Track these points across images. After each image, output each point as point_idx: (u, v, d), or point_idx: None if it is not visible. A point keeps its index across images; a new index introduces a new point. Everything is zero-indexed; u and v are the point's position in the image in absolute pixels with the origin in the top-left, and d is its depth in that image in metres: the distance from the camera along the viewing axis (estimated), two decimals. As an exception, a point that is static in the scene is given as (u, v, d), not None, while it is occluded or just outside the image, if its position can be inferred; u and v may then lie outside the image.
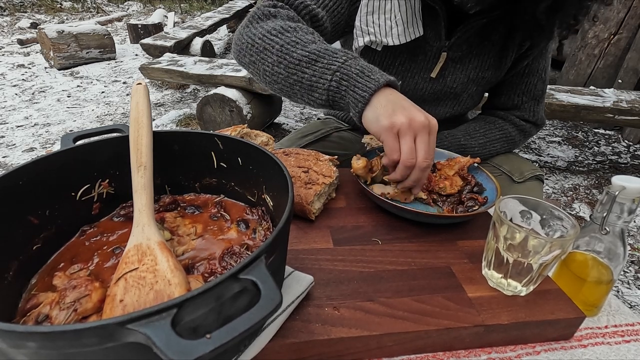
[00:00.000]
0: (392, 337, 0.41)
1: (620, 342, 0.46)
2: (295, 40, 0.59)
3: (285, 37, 0.60)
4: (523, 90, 0.85)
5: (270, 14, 0.65)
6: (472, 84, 0.82)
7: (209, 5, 7.18)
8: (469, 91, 0.83)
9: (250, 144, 0.46)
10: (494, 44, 0.77)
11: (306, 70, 0.58)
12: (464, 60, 0.78)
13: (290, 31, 0.61)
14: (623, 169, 2.27)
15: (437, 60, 0.77)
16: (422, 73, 0.79)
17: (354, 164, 0.63)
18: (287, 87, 0.61)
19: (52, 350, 0.23)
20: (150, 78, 2.58)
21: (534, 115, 0.87)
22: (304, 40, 0.59)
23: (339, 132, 1.01)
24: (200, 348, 0.22)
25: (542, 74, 0.84)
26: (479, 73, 0.80)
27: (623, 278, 1.45)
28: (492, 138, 0.86)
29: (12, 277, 0.37)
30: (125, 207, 0.49)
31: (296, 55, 0.58)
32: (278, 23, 0.62)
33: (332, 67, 0.56)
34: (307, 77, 0.58)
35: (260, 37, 0.62)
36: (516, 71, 0.83)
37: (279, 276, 0.41)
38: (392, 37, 0.70)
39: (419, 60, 0.78)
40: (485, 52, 0.78)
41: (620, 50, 2.61)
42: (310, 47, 0.58)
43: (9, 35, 4.97)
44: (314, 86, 0.58)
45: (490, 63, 0.79)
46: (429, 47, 0.76)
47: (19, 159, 2.21)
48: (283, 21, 0.63)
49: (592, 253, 0.48)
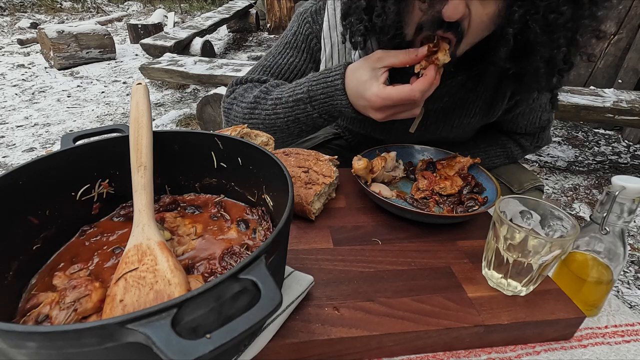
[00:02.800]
0: (392, 337, 0.41)
1: (620, 342, 0.46)
2: (273, 102, 0.69)
3: (263, 106, 0.70)
4: (526, 125, 0.82)
5: (233, 100, 0.75)
6: (458, 129, 0.77)
7: (209, 5, 7.19)
8: (455, 133, 0.79)
9: (250, 144, 0.46)
10: (479, 95, 0.72)
11: (297, 114, 0.67)
12: (446, 111, 0.74)
13: (262, 101, 0.70)
14: (623, 169, 2.27)
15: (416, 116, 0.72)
16: (402, 128, 0.73)
17: (355, 165, 0.63)
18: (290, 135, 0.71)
19: (52, 350, 0.23)
20: (150, 78, 2.58)
21: (538, 140, 0.85)
22: (275, 97, 0.69)
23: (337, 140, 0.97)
24: (200, 348, 0.22)
25: (547, 106, 0.79)
26: (464, 120, 0.75)
27: (623, 278, 1.45)
28: (493, 155, 0.84)
29: (12, 277, 0.37)
30: (125, 207, 0.49)
31: (279, 112, 0.68)
32: (245, 102, 0.72)
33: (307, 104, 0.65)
34: (303, 117, 0.67)
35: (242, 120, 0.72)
36: (516, 112, 0.78)
37: (279, 276, 0.41)
38: None
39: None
40: (471, 102, 0.73)
41: (620, 50, 2.61)
42: (284, 96, 0.67)
43: (9, 35, 4.97)
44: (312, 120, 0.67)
45: (477, 111, 0.74)
46: None
47: (19, 159, 2.21)
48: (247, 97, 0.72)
49: (592, 253, 0.48)
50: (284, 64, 0.75)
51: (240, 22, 5.36)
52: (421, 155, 0.74)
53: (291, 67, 0.75)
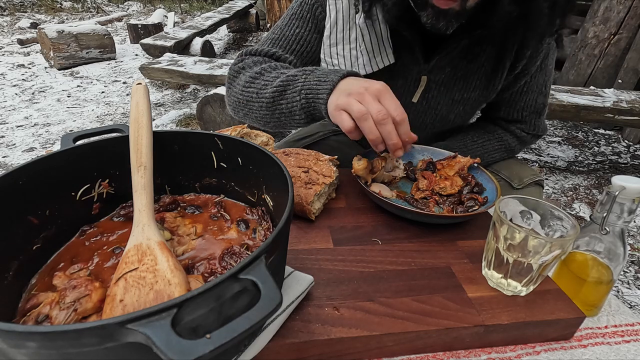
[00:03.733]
0: (392, 337, 0.41)
1: (620, 342, 0.46)
2: (264, 83, 0.67)
3: (256, 84, 0.68)
4: (522, 107, 0.83)
5: (240, 69, 0.73)
6: (458, 105, 0.79)
7: (209, 5, 7.19)
8: (455, 111, 0.81)
9: (250, 144, 0.46)
10: (480, 65, 0.74)
11: (281, 102, 0.65)
12: (448, 83, 0.75)
13: (258, 77, 0.69)
14: (623, 169, 2.27)
15: (418, 84, 0.75)
16: (404, 98, 0.77)
17: (355, 165, 0.63)
18: (277, 121, 0.68)
19: (52, 350, 0.23)
20: (150, 78, 2.58)
21: (534, 128, 0.86)
22: (270, 80, 0.67)
23: (337, 136, 0.99)
24: (200, 348, 0.22)
25: (543, 88, 0.81)
26: (464, 94, 0.77)
27: (623, 278, 1.45)
28: (491, 149, 0.85)
29: (12, 277, 0.37)
30: (125, 207, 0.49)
31: (268, 94, 0.66)
32: (247, 74, 0.71)
33: (296, 89, 0.62)
34: (284, 107, 0.65)
35: (239, 93, 0.71)
36: (514, 90, 0.80)
37: (279, 276, 0.41)
38: (359, 67, 0.71)
39: (399, 85, 0.76)
40: (472, 73, 0.75)
41: (620, 50, 2.61)
42: (275, 82, 0.65)
43: (9, 35, 4.97)
44: (292, 112, 0.64)
45: (477, 84, 0.76)
46: (408, 72, 0.74)
47: (19, 159, 2.21)
48: (250, 71, 0.71)
49: (592, 253, 0.48)
50: (290, 35, 0.76)
51: (240, 22, 5.36)
52: (421, 155, 0.74)
53: (297, 37, 0.75)
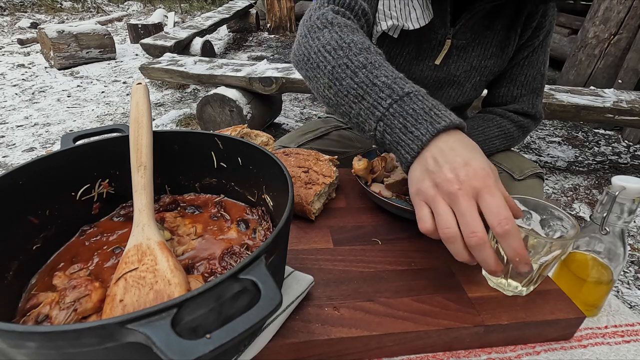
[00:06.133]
0: (392, 337, 0.41)
1: (620, 343, 0.46)
2: (346, 63, 0.55)
3: (338, 56, 0.56)
4: (522, 82, 0.86)
5: (328, 22, 0.62)
6: (475, 72, 0.83)
7: (209, 5, 7.19)
8: (472, 80, 0.85)
9: (250, 144, 0.46)
10: (496, 33, 0.79)
11: (353, 107, 0.53)
12: (467, 49, 0.80)
13: (344, 49, 0.57)
14: (623, 169, 2.27)
15: (442, 48, 0.80)
16: (427, 60, 0.82)
17: (355, 165, 0.63)
18: (335, 110, 0.58)
19: (52, 350, 0.23)
20: (150, 78, 2.58)
21: (532, 107, 0.87)
22: (354, 64, 0.55)
23: (339, 131, 1.01)
24: (200, 348, 0.22)
25: (541, 67, 0.85)
26: (482, 61, 0.82)
27: (623, 278, 1.45)
28: (491, 135, 0.87)
29: (12, 277, 0.37)
30: (125, 207, 0.49)
31: (345, 84, 0.54)
32: (334, 36, 0.59)
33: (376, 113, 0.50)
34: (355, 114, 0.54)
35: (315, 51, 0.59)
36: (516, 62, 0.84)
37: (279, 276, 0.41)
38: (412, 21, 0.73)
39: (425, 47, 0.80)
40: (488, 40, 0.80)
41: (620, 50, 2.61)
42: (359, 75, 0.53)
43: (9, 35, 4.97)
44: (361, 127, 0.54)
45: (493, 52, 0.81)
46: (433, 35, 0.79)
47: (19, 159, 2.21)
48: (339, 33, 0.59)
49: (592, 253, 0.48)
50: None
51: (240, 22, 5.36)
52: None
53: None
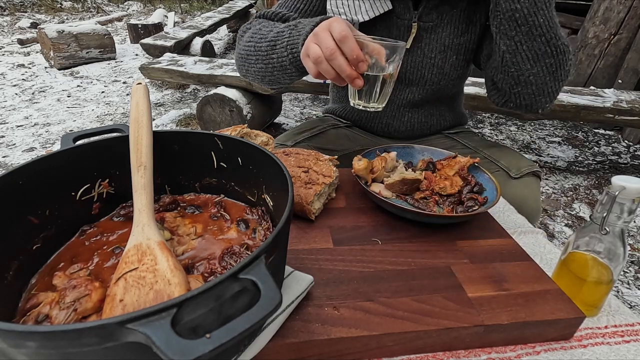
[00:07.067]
0: (392, 337, 0.41)
1: (620, 342, 0.46)
2: (260, 37, 0.72)
3: (254, 39, 0.74)
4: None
5: (247, 29, 0.80)
6: (451, 52, 0.84)
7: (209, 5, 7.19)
8: (449, 60, 0.85)
9: (250, 144, 0.46)
10: (462, 10, 0.81)
11: (272, 57, 0.69)
12: (436, 30, 0.82)
13: (257, 32, 0.74)
14: (623, 169, 2.27)
15: (411, 32, 0.82)
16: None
17: (355, 165, 0.63)
18: (271, 76, 0.72)
19: (52, 350, 0.23)
20: (150, 78, 2.58)
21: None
22: (264, 33, 0.71)
23: (336, 129, 1.02)
24: (200, 348, 0.22)
25: None
26: (454, 40, 0.83)
27: (623, 278, 1.45)
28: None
29: (12, 277, 0.37)
30: (125, 207, 0.49)
31: (263, 48, 0.70)
32: (250, 32, 0.77)
33: (283, 44, 0.66)
34: (276, 62, 0.68)
35: (242, 49, 0.77)
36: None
37: (278, 276, 0.41)
38: (362, 14, 0.78)
39: (395, 35, 0.84)
40: (456, 18, 0.82)
41: (620, 50, 2.61)
42: (269, 36, 0.69)
43: (9, 35, 4.97)
44: (283, 66, 0.68)
45: (463, 29, 0.83)
46: (400, 21, 0.82)
47: (19, 159, 2.21)
48: (254, 28, 0.77)
49: (592, 253, 0.48)
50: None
51: (241, 22, 5.36)
52: (421, 155, 0.74)
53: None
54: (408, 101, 0.92)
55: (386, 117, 0.96)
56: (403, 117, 0.95)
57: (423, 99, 0.91)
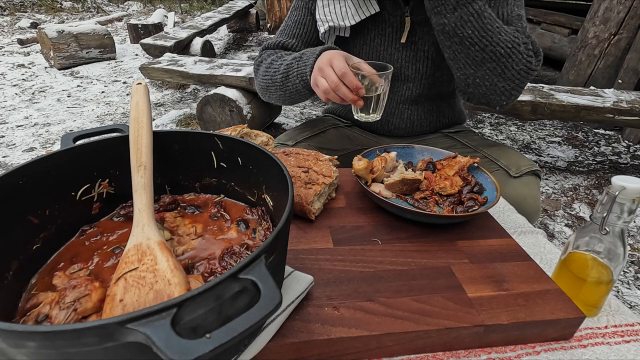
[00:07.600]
0: (392, 337, 0.41)
1: (620, 342, 0.46)
2: (274, 71, 0.87)
3: (269, 73, 0.89)
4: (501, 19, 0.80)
5: (260, 63, 0.94)
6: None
7: (209, 5, 7.19)
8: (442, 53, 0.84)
9: (250, 144, 0.46)
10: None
11: (288, 85, 0.84)
12: (429, 22, 0.82)
13: (270, 67, 0.89)
14: (623, 169, 2.27)
15: (404, 27, 0.84)
16: (394, 43, 0.88)
17: (355, 165, 0.63)
18: (290, 98, 0.88)
19: (51, 350, 0.23)
20: (150, 78, 2.58)
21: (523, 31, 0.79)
22: (277, 67, 0.87)
23: (336, 128, 1.02)
24: (200, 348, 0.22)
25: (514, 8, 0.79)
26: None
27: (623, 278, 1.45)
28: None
29: (12, 277, 0.37)
30: (125, 207, 0.49)
31: (278, 79, 0.86)
32: (264, 66, 0.92)
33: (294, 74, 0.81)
34: (292, 88, 0.84)
35: (261, 81, 0.92)
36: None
37: (278, 276, 0.41)
38: (348, 19, 0.83)
39: (387, 32, 0.86)
40: None
41: (620, 50, 2.61)
42: (281, 69, 0.85)
43: (9, 35, 4.97)
44: (298, 90, 0.83)
45: None
46: (392, 18, 0.84)
47: (19, 159, 2.21)
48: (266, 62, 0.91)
49: (592, 253, 0.48)
50: (291, 23, 0.95)
51: (240, 22, 5.36)
52: (421, 155, 0.74)
53: (296, 23, 0.94)
54: (406, 97, 0.93)
55: (386, 115, 0.96)
56: (402, 114, 0.96)
57: (421, 94, 0.92)
